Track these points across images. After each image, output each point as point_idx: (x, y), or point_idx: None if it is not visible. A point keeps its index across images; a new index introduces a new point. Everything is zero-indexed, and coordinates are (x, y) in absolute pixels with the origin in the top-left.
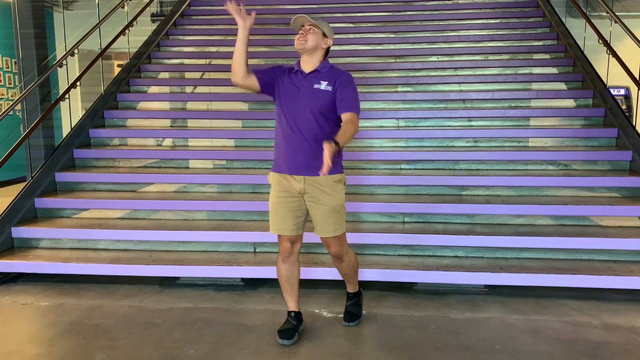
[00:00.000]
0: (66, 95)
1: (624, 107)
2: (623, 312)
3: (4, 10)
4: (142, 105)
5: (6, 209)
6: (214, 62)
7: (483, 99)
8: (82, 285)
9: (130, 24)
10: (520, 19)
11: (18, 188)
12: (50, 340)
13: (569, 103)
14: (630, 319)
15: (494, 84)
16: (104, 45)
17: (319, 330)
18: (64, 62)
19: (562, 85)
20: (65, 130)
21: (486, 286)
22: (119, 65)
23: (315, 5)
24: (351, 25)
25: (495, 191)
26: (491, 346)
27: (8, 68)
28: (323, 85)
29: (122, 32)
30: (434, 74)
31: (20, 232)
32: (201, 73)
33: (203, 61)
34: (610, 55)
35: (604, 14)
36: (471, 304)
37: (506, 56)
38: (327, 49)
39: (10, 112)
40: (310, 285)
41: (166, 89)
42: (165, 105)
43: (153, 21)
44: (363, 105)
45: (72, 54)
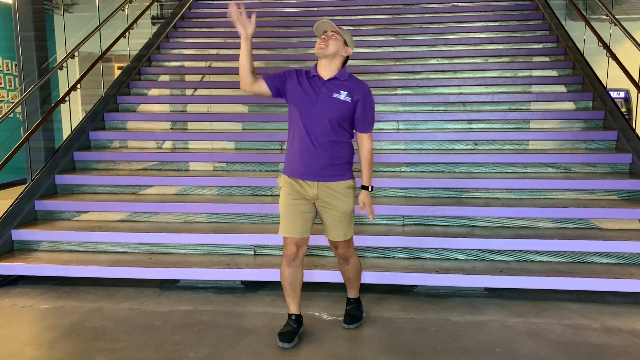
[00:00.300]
0: (66, 98)
1: (623, 110)
2: (623, 315)
3: (4, 12)
4: (142, 107)
5: (6, 211)
6: (214, 65)
7: (483, 102)
8: (82, 288)
9: (130, 27)
10: (520, 21)
11: (18, 190)
12: (50, 343)
13: (569, 106)
14: (631, 321)
15: (493, 86)
16: (104, 48)
17: (318, 333)
18: (65, 65)
19: (562, 88)
20: (66, 132)
21: (486, 289)
22: (119, 68)
23: (315, 8)
24: (351, 28)
25: (495, 194)
26: (491, 349)
27: (8, 70)
28: (342, 95)
29: (123, 35)
30: (433, 76)
31: (20, 235)
32: (201, 75)
33: (203, 64)
34: (610, 58)
35: (604, 16)
36: (471, 306)
37: (506, 59)
38: (347, 57)
39: (11, 115)
40: (311, 288)
41: (166, 92)
42: (165, 107)
43: (153, 24)
44: None
45: (73, 57)
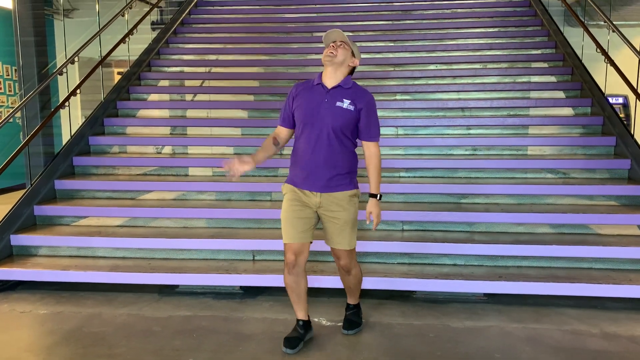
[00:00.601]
0: (66, 103)
1: (622, 116)
2: (622, 321)
3: (4, 18)
4: (142, 112)
5: (5, 216)
6: (214, 70)
7: (482, 107)
8: (81, 293)
9: (130, 32)
10: (519, 27)
11: (17, 195)
12: (49, 349)
13: (568, 111)
14: (630, 327)
15: (492, 92)
16: (104, 53)
17: (318, 339)
18: (64, 70)
19: (561, 94)
20: (65, 137)
21: (485, 295)
22: (119, 73)
23: (315, 14)
24: (350, 34)
25: (494, 199)
26: (490, 355)
27: (8, 75)
28: (345, 103)
29: (123, 40)
30: (432, 82)
31: (19, 240)
32: (201, 81)
33: (203, 69)
34: (608, 64)
35: (602, 23)
36: (470, 312)
37: (505, 65)
38: (353, 69)
39: (10, 120)
40: (310, 293)
41: (166, 97)
42: (165, 112)
43: (153, 29)
44: None
45: (73, 62)
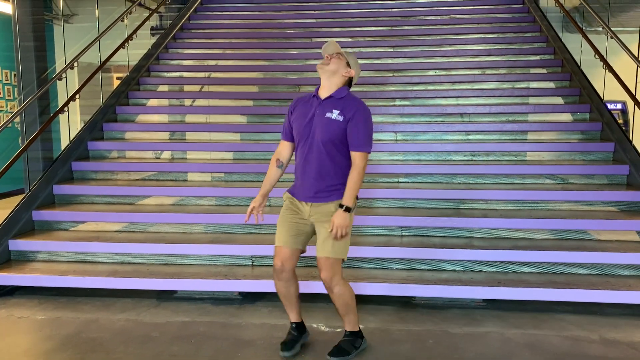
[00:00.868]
0: (65, 108)
1: (620, 122)
2: (621, 327)
3: (4, 22)
4: (141, 118)
5: (3, 221)
6: (213, 76)
7: (480, 113)
8: (79, 299)
9: (129, 37)
10: (517, 33)
11: (16, 200)
12: (46, 354)
13: (566, 117)
14: (629, 333)
15: (491, 98)
16: (103, 58)
17: (316, 345)
18: (64, 75)
19: (559, 100)
20: (64, 142)
21: (484, 300)
22: (118, 78)
23: (314, 20)
24: (350, 40)
25: (493, 205)
26: None
27: (7, 80)
28: (335, 114)
29: (122, 46)
30: (431, 88)
31: (17, 245)
32: (200, 86)
33: (202, 74)
34: (607, 70)
35: (600, 29)
36: (469, 318)
37: (503, 70)
38: (350, 80)
39: (9, 125)
40: (308, 299)
41: (165, 102)
42: (164, 118)
43: (153, 34)
44: None
45: (72, 67)
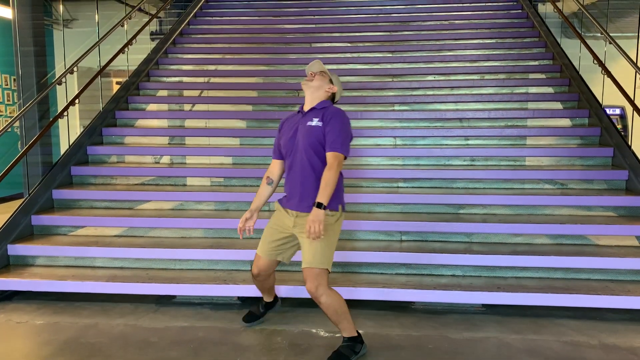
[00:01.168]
0: (65, 113)
1: (619, 127)
2: (621, 332)
3: (4, 27)
4: (140, 122)
5: (2, 225)
6: (213, 81)
7: (480, 118)
8: (78, 304)
9: (129, 42)
10: (516, 39)
11: (15, 205)
12: (45, 359)
13: (565, 122)
14: (629, 339)
15: (490, 103)
16: (103, 63)
17: (316, 350)
18: (63, 80)
19: (558, 105)
20: (63, 147)
21: (484, 305)
22: (117, 83)
23: (313, 25)
24: (349, 45)
25: (492, 210)
26: None
27: (7, 85)
28: (315, 121)
29: (122, 50)
30: (430, 93)
31: (16, 250)
32: (199, 91)
33: (201, 79)
34: (605, 75)
35: (599, 34)
36: (469, 323)
37: (502, 76)
38: (333, 96)
39: (9, 129)
40: (308, 304)
41: (164, 107)
42: (163, 122)
43: (152, 39)
44: (360, 124)
45: (72, 72)
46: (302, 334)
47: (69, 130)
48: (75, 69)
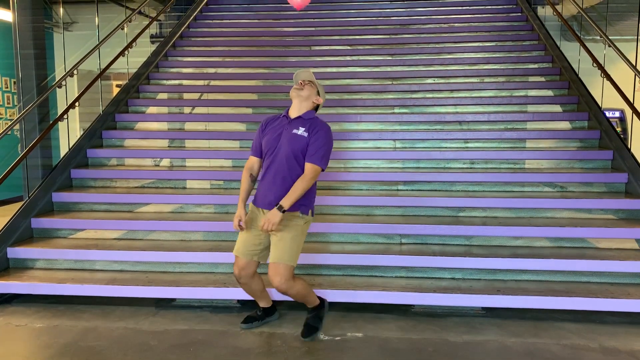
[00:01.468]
0: (65, 116)
1: (619, 130)
2: (621, 335)
3: (4, 30)
4: (140, 125)
5: (2, 228)
6: (213, 84)
7: (479, 121)
8: (78, 307)
9: (129, 45)
10: (516, 42)
11: (15, 208)
12: None
13: (565, 125)
14: (629, 342)
15: (490, 106)
16: (103, 66)
17: (315, 353)
18: (63, 83)
19: (558, 108)
20: (63, 150)
21: (484, 308)
22: (117, 86)
23: (313, 28)
24: (348, 48)
25: (492, 213)
26: None
27: (7, 88)
28: (300, 130)
29: (122, 53)
30: (430, 96)
31: (16, 253)
32: (199, 94)
33: (201, 82)
34: (605, 78)
35: (598, 37)
36: (469, 326)
37: (502, 79)
38: (317, 106)
39: (9, 132)
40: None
41: (164, 110)
42: (163, 125)
43: (152, 42)
44: (360, 126)
45: (72, 75)
46: (301, 338)
47: (69, 133)
48: (75, 71)
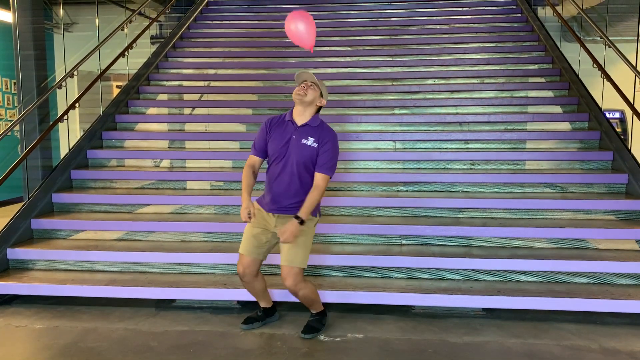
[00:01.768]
0: (65, 116)
1: (619, 131)
2: (621, 336)
3: (4, 31)
4: (141, 126)
5: (2, 229)
6: (213, 84)
7: (479, 122)
8: (77, 308)
9: (129, 46)
10: (516, 42)
11: (15, 209)
12: None
13: (565, 126)
14: (629, 343)
15: (490, 107)
16: (103, 67)
17: (315, 354)
18: (63, 84)
19: (558, 109)
20: (63, 151)
21: (484, 309)
22: (117, 87)
23: None
24: (349, 49)
25: (492, 214)
26: None
27: (7, 89)
28: (310, 141)
29: (122, 54)
30: (430, 96)
31: (15, 254)
32: (199, 95)
33: (201, 83)
34: (605, 79)
35: (598, 38)
36: (469, 327)
37: (502, 79)
38: (320, 108)
39: (9, 133)
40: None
41: (164, 111)
42: (163, 126)
43: (152, 43)
44: (360, 127)
45: (72, 76)
46: (302, 338)
47: (69, 134)
48: (75, 72)
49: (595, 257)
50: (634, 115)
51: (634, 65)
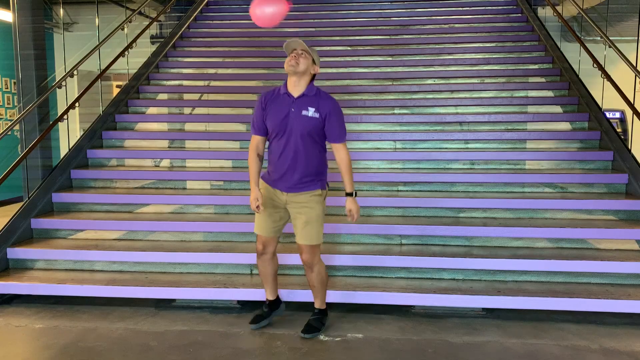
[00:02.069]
0: (65, 116)
1: (619, 131)
2: (622, 336)
3: (4, 30)
4: (141, 126)
5: (2, 229)
6: (213, 84)
7: (479, 122)
8: (77, 307)
9: (129, 46)
10: (516, 42)
11: (14, 208)
12: None
13: (565, 126)
14: (629, 343)
15: (490, 106)
16: (103, 67)
17: (315, 354)
18: (63, 83)
19: (558, 109)
20: (63, 150)
21: (484, 309)
22: (117, 86)
23: (313, 29)
24: (349, 49)
25: (492, 213)
26: None
27: (7, 88)
28: (311, 112)
29: (122, 54)
30: (430, 96)
31: (15, 253)
32: (199, 94)
33: (201, 83)
34: (605, 79)
35: (598, 38)
36: (469, 327)
37: (502, 79)
38: (314, 75)
39: (9, 132)
40: (307, 307)
41: (164, 110)
42: (163, 126)
43: (152, 43)
44: (360, 127)
45: (72, 75)
46: (302, 338)
47: (69, 133)
48: (75, 72)
49: (595, 257)
50: (634, 115)
51: (634, 65)
